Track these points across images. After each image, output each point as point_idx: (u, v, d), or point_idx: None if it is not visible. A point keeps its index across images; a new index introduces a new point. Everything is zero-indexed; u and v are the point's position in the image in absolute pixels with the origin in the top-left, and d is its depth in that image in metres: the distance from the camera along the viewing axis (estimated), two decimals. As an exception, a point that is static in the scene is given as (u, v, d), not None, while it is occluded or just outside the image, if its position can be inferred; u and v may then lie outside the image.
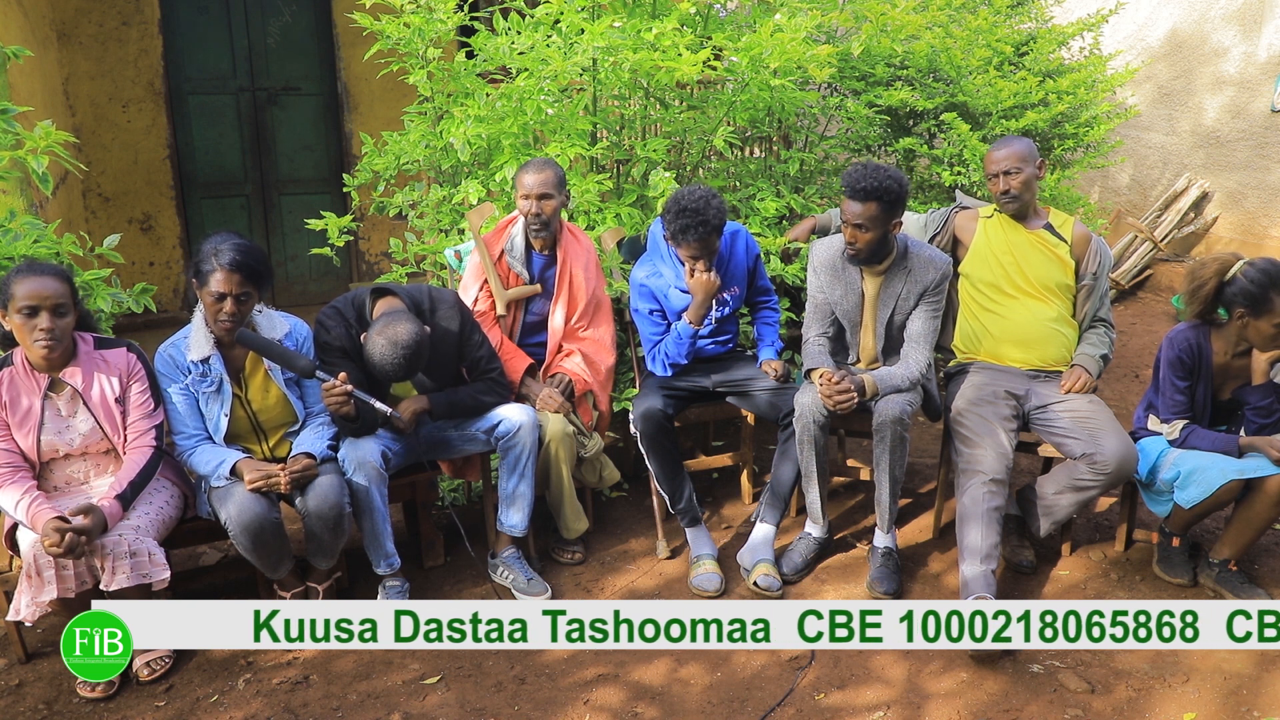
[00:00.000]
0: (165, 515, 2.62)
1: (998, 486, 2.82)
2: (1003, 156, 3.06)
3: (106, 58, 5.27)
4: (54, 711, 2.51)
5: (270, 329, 2.77)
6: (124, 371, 2.61)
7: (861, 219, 2.88)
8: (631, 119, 4.02)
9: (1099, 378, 3.05)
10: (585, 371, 3.23)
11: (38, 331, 2.43)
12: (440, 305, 2.93)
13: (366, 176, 3.83)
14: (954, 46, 4.37)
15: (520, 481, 2.99)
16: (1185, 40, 6.38)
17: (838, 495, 3.65)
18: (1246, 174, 6.03)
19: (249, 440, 2.81)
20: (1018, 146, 3.07)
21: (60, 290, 2.46)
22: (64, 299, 2.46)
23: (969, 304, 3.19)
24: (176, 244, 5.63)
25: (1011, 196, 3.06)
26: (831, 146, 4.60)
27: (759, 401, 3.20)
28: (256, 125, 5.79)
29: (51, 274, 2.46)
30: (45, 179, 2.72)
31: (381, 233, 5.94)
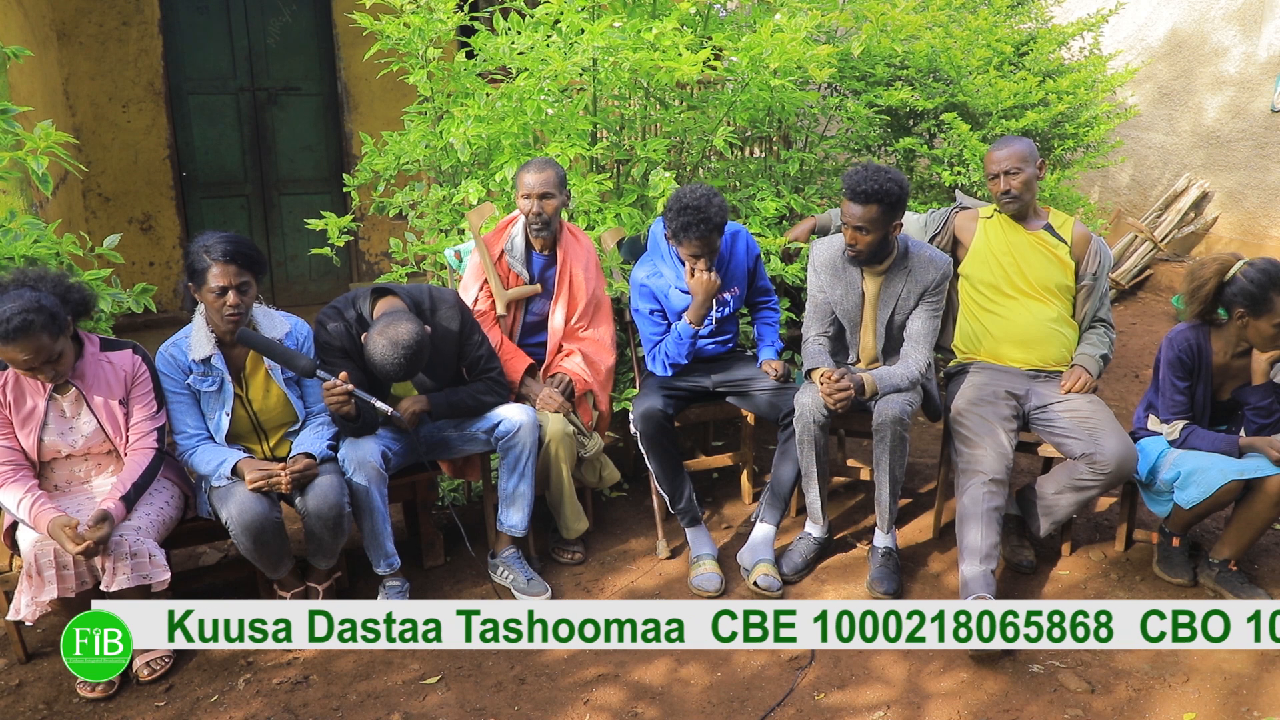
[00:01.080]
0: (166, 515, 2.62)
1: (997, 486, 2.82)
2: (1003, 156, 3.06)
3: (106, 58, 5.27)
4: (54, 711, 2.51)
5: (271, 328, 2.77)
6: (128, 373, 2.61)
7: (862, 221, 2.88)
8: (631, 119, 4.02)
9: (1099, 378, 3.04)
10: (585, 371, 3.24)
11: (31, 370, 2.44)
12: (440, 305, 2.93)
13: (366, 176, 3.83)
14: (954, 46, 4.37)
15: (520, 481, 2.99)
16: (1185, 40, 6.38)
17: (838, 495, 3.65)
18: (1246, 174, 6.03)
19: (250, 440, 2.82)
20: (1018, 146, 3.07)
21: (45, 347, 2.37)
22: (46, 348, 2.37)
23: (969, 304, 3.19)
24: (176, 244, 5.63)
25: (1012, 197, 3.06)
26: (831, 146, 4.60)
27: (759, 401, 3.20)
28: (256, 125, 5.79)
29: (37, 331, 2.33)
30: (45, 179, 2.72)
31: (381, 233, 5.94)
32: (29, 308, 2.31)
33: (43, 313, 2.33)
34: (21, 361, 2.38)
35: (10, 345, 2.32)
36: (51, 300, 2.38)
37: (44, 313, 2.34)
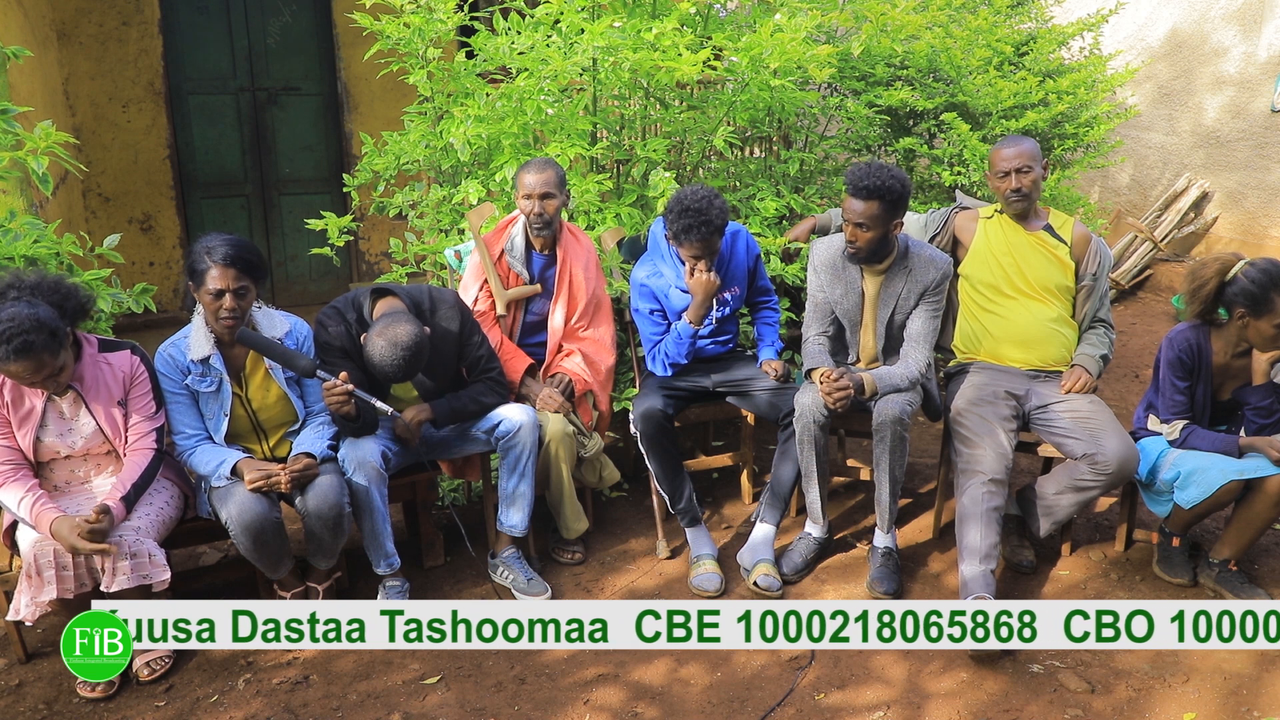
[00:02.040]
0: (165, 516, 2.62)
1: (997, 486, 2.82)
2: (1014, 154, 3.05)
3: (106, 58, 5.27)
4: (54, 711, 2.51)
5: (270, 328, 2.77)
6: (127, 374, 2.61)
7: (863, 217, 2.88)
8: (631, 119, 4.02)
9: (1099, 378, 3.04)
10: (585, 371, 3.23)
11: (33, 384, 2.43)
12: (440, 305, 2.93)
13: (366, 176, 3.83)
14: (954, 46, 4.37)
15: (520, 481, 2.99)
16: (1185, 40, 6.38)
17: (838, 495, 3.65)
18: (1246, 174, 6.03)
19: (249, 440, 2.82)
20: (1027, 145, 3.06)
21: (46, 365, 2.35)
22: (48, 365, 2.36)
23: (969, 304, 3.19)
24: (176, 244, 5.63)
25: (1022, 195, 3.05)
26: (831, 146, 4.60)
27: (759, 401, 3.20)
28: (256, 125, 5.79)
29: (37, 351, 2.32)
30: (45, 179, 2.72)
31: (381, 233, 5.94)
32: (27, 328, 2.28)
33: (42, 331, 2.30)
34: (23, 379, 2.38)
35: (10, 366, 2.32)
36: (49, 314, 2.34)
37: (43, 330, 2.30)
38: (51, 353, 2.34)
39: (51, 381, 2.42)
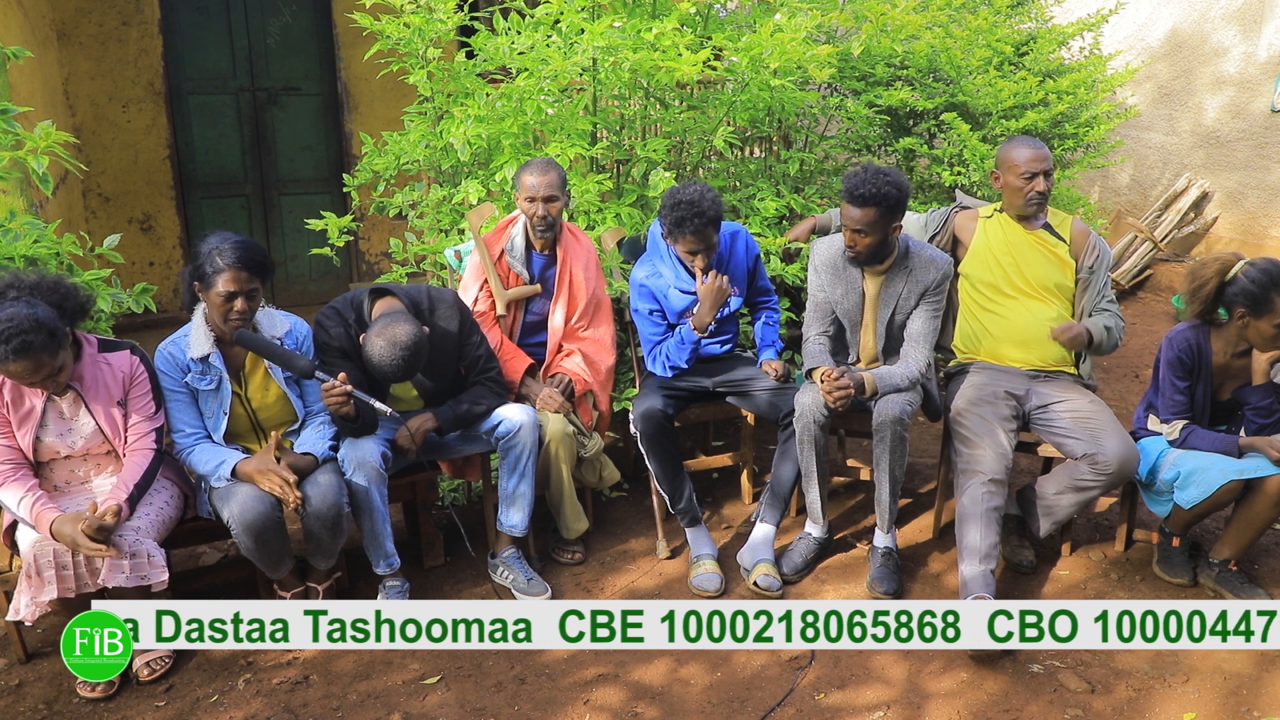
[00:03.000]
0: (166, 516, 2.62)
1: (997, 486, 2.82)
2: (1039, 157, 2.99)
3: (106, 58, 5.27)
4: (54, 711, 2.51)
5: (270, 327, 2.77)
6: (126, 374, 2.61)
7: (861, 224, 2.88)
8: (631, 119, 4.02)
9: (1094, 342, 2.98)
10: (585, 371, 3.23)
11: (32, 384, 2.43)
12: (439, 305, 2.93)
13: (366, 176, 3.83)
14: (954, 46, 4.37)
15: (520, 481, 2.99)
16: (1185, 40, 6.38)
17: (838, 495, 3.65)
18: (1246, 174, 6.03)
19: (248, 439, 2.82)
20: (1045, 147, 3.03)
21: (45, 365, 2.35)
22: (47, 365, 2.36)
23: (969, 304, 3.19)
24: (176, 244, 5.63)
25: (1044, 197, 3.03)
26: (831, 146, 4.60)
27: (759, 401, 3.20)
28: (256, 125, 5.79)
29: (36, 352, 2.31)
30: (45, 179, 2.72)
31: (381, 233, 5.94)
32: (26, 328, 2.27)
33: (40, 331, 2.29)
34: (22, 379, 2.38)
35: (8, 366, 2.31)
36: (48, 314, 2.34)
37: (41, 331, 2.30)
38: (50, 353, 2.34)
39: (51, 381, 2.42)
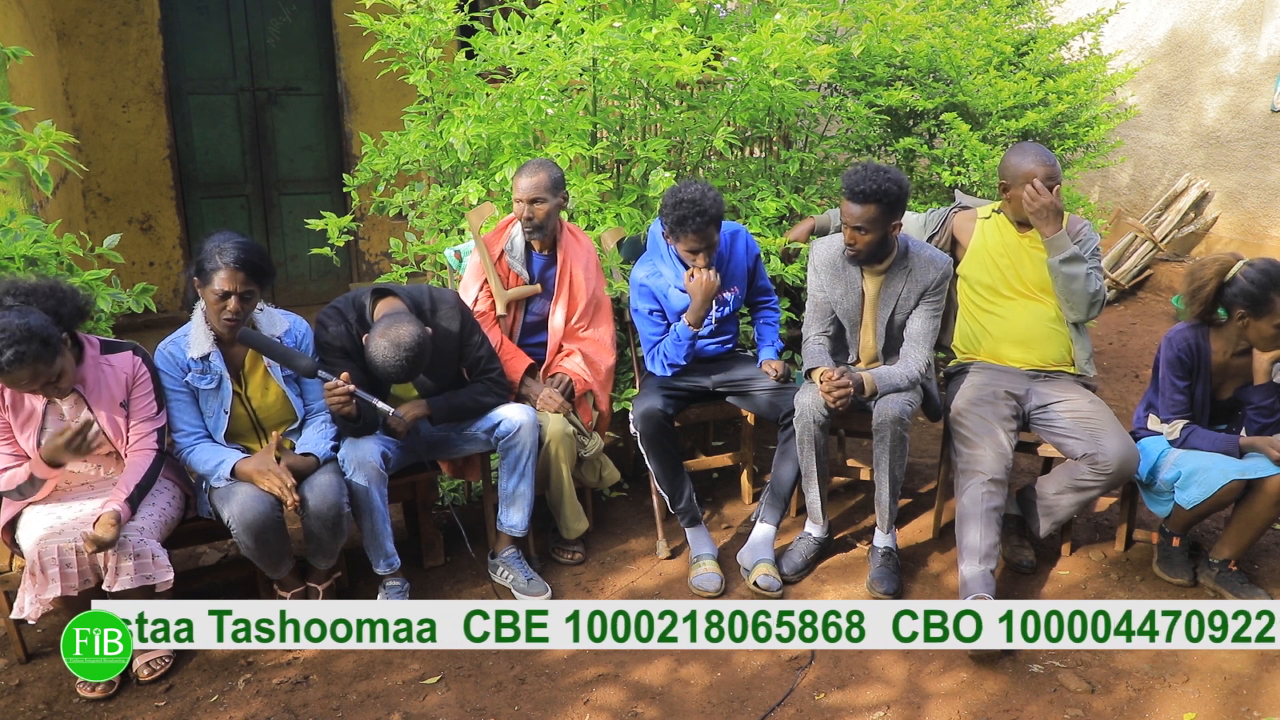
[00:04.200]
0: (168, 516, 2.63)
1: (997, 487, 2.82)
2: (1053, 174, 2.93)
3: (106, 58, 5.27)
4: (54, 711, 2.51)
5: (270, 326, 2.77)
6: (129, 375, 2.61)
7: (861, 221, 2.88)
8: (631, 119, 4.02)
9: (1073, 255, 2.91)
10: (585, 371, 3.24)
11: (32, 392, 2.44)
12: (441, 305, 2.93)
13: (366, 176, 3.83)
14: (954, 46, 4.37)
15: (520, 481, 2.99)
16: (1185, 40, 6.38)
17: (838, 495, 3.65)
18: (1246, 174, 6.03)
19: (248, 438, 2.82)
20: (1054, 159, 2.97)
21: (41, 373, 2.34)
22: (43, 374, 2.34)
23: (968, 304, 3.19)
24: (176, 244, 5.63)
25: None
26: (831, 146, 4.60)
27: (759, 401, 3.20)
28: (256, 125, 5.79)
29: (31, 361, 2.29)
30: (45, 179, 2.72)
31: (381, 233, 5.94)
32: (19, 338, 2.26)
33: (34, 340, 2.28)
34: (20, 388, 2.38)
35: (5, 378, 2.31)
36: (41, 322, 2.31)
37: (35, 340, 2.28)
38: (46, 361, 2.32)
39: (52, 388, 2.42)
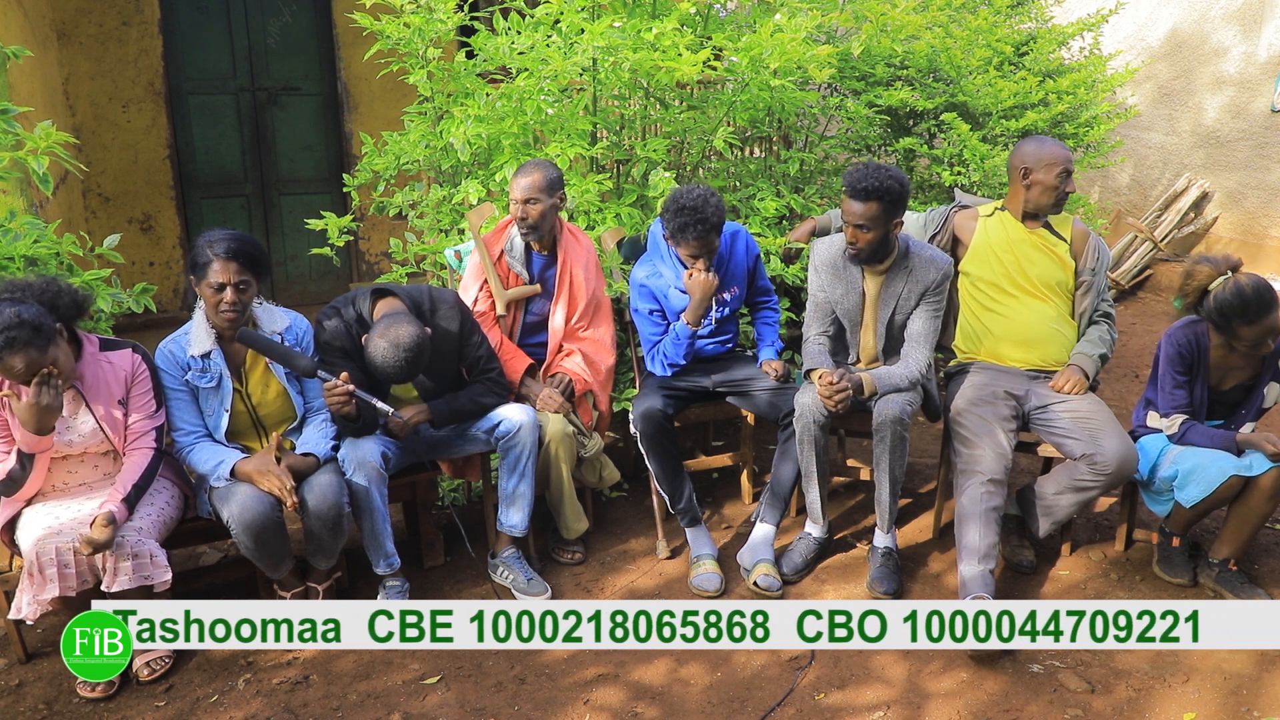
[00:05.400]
0: (167, 516, 2.63)
1: (996, 487, 2.82)
2: (1070, 157, 2.96)
3: (106, 58, 5.27)
4: (54, 711, 2.51)
5: (270, 323, 2.78)
6: (128, 373, 2.61)
7: (863, 219, 2.88)
8: (631, 119, 4.02)
9: (1095, 377, 3.03)
10: (585, 371, 3.24)
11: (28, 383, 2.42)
12: (440, 306, 2.93)
13: (366, 176, 3.83)
14: (954, 46, 4.37)
15: (520, 481, 2.99)
16: (1185, 40, 6.38)
17: (838, 495, 3.65)
18: (1246, 174, 6.03)
19: (249, 436, 2.82)
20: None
21: (35, 361, 2.33)
22: (37, 361, 2.34)
23: (969, 303, 3.19)
24: (176, 244, 5.63)
25: (1068, 195, 3.04)
26: (831, 146, 4.60)
27: (759, 401, 3.20)
28: (256, 125, 5.79)
29: (22, 347, 2.29)
30: (45, 179, 2.72)
31: (381, 233, 5.94)
32: (10, 324, 2.27)
33: (25, 328, 2.28)
34: (15, 377, 2.37)
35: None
36: (35, 312, 2.32)
37: (26, 327, 2.29)
38: (38, 348, 2.32)
39: (51, 389, 2.41)
